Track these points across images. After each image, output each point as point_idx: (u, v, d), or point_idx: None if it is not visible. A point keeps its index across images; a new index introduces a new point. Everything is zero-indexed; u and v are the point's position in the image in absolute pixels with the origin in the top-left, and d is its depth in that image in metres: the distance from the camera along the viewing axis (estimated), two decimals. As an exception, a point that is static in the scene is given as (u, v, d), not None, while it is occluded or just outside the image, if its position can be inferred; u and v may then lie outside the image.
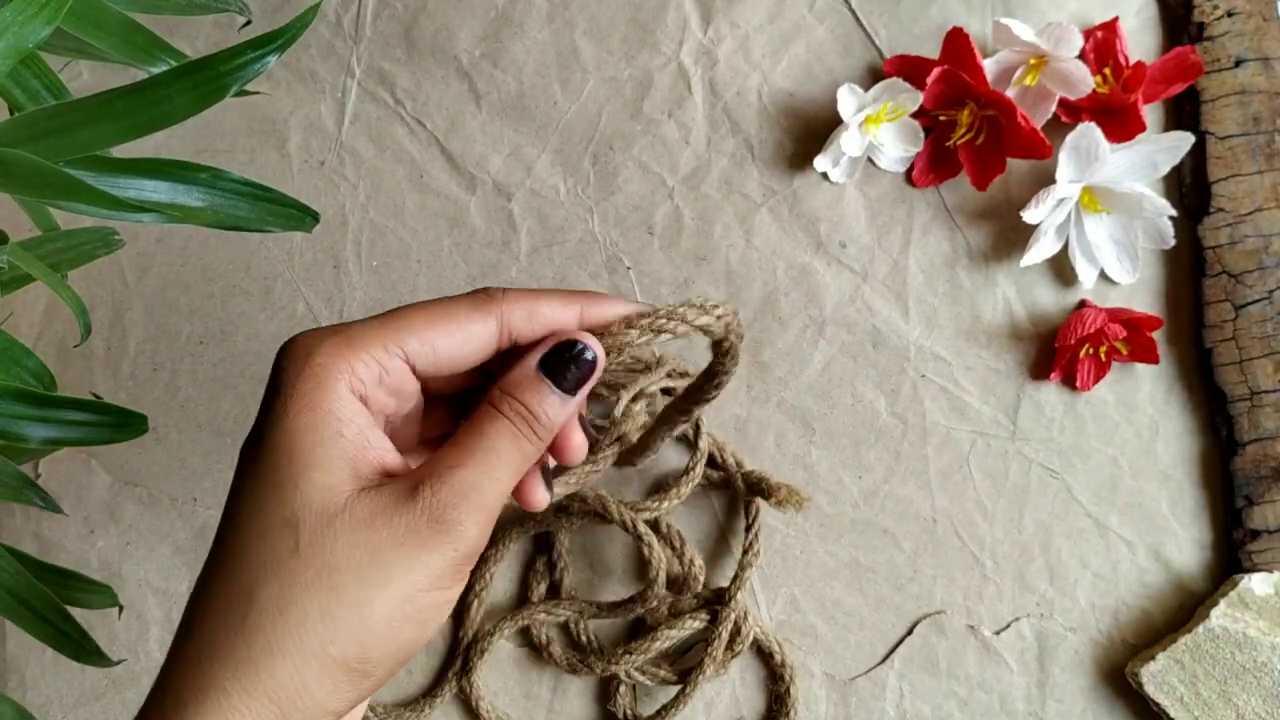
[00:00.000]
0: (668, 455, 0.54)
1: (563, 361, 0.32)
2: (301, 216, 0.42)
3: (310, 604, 0.27)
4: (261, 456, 0.29)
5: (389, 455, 0.30)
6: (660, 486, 0.54)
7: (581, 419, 0.35)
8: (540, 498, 0.34)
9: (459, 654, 0.54)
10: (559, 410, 0.32)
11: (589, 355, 0.32)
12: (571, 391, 0.32)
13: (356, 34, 0.57)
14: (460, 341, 0.31)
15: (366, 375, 0.30)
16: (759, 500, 0.53)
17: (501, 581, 0.55)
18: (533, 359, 0.32)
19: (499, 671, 0.54)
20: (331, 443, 0.29)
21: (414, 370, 0.31)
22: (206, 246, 0.56)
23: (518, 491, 0.34)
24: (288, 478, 0.28)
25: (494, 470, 0.30)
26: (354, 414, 0.30)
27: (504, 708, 0.54)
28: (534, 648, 0.54)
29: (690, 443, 0.53)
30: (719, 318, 0.34)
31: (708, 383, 0.40)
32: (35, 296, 0.56)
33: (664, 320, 0.33)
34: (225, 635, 0.27)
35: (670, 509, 0.52)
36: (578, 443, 0.35)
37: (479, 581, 0.54)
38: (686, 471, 0.52)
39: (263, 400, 0.30)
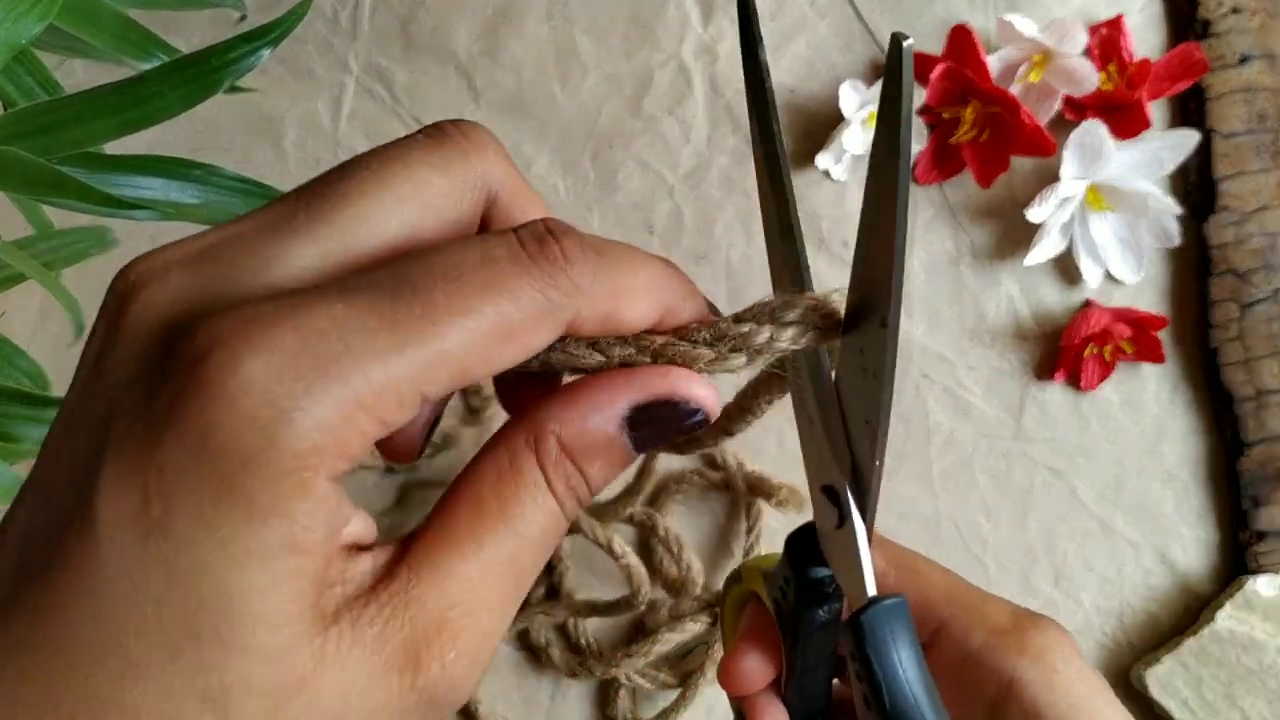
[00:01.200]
0: (665, 459, 0.54)
1: (659, 423, 0.21)
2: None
3: None
4: (168, 583, 0.17)
5: (353, 524, 0.19)
6: (663, 488, 0.54)
7: None
8: None
9: (457, 656, 0.54)
10: (619, 472, 0.22)
11: (699, 419, 0.22)
12: (645, 450, 0.22)
13: (353, 30, 0.56)
14: (505, 362, 0.20)
15: (360, 447, 0.18)
16: (760, 501, 0.52)
17: (500, 583, 0.54)
18: (617, 407, 0.21)
19: (497, 675, 0.54)
20: (291, 576, 0.18)
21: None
22: (203, 245, 0.56)
23: None
24: (213, 633, 0.17)
25: (524, 589, 0.21)
26: (327, 512, 0.18)
27: (503, 712, 0.53)
28: (533, 651, 0.54)
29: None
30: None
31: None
32: (29, 295, 0.56)
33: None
34: None
35: (636, 505, 0.52)
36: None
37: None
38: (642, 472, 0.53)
39: (166, 457, 0.17)
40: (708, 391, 0.22)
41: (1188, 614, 0.52)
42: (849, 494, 0.25)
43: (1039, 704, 0.26)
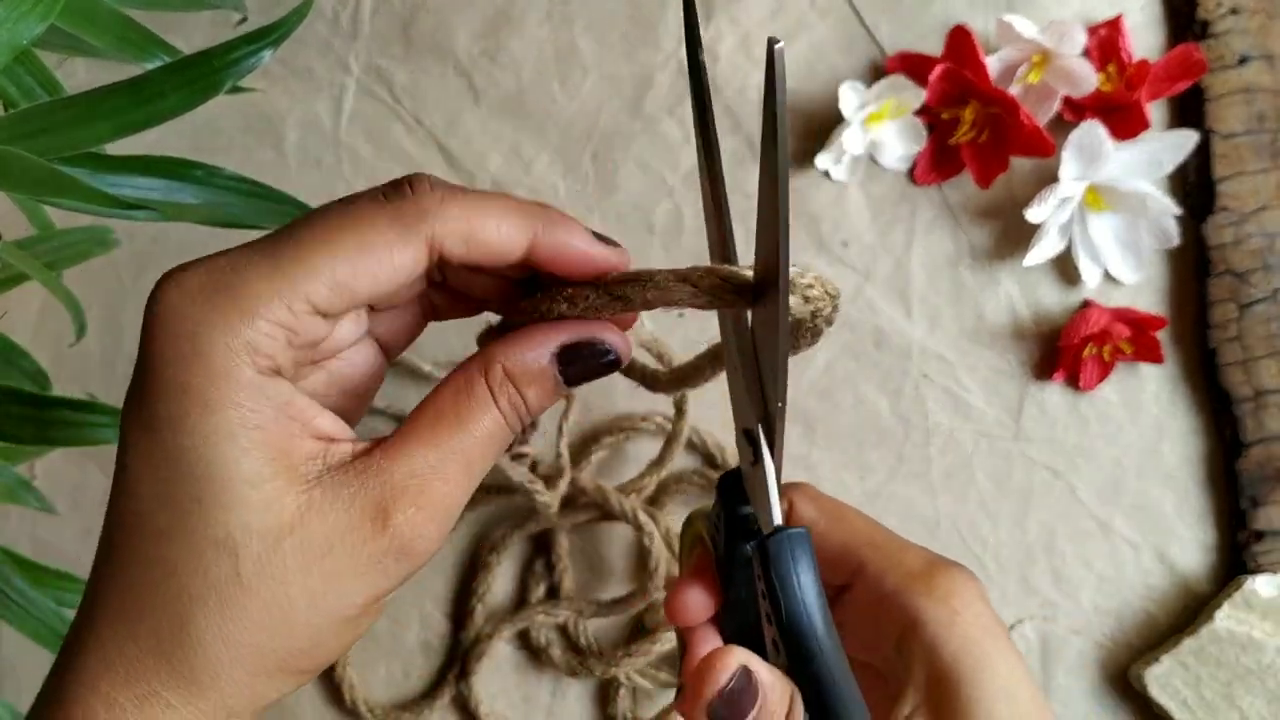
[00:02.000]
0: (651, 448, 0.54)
1: (580, 360, 0.27)
2: (297, 215, 0.41)
3: (259, 635, 0.25)
4: (168, 465, 0.24)
5: (321, 419, 0.26)
6: (663, 488, 0.54)
7: None
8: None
9: (458, 657, 0.54)
10: (550, 403, 0.28)
11: (611, 359, 0.28)
12: (572, 386, 0.28)
13: (354, 31, 0.56)
14: (380, 278, 0.25)
15: (271, 347, 0.24)
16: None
17: (501, 583, 0.54)
18: (548, 346, 0.27)
19: (497, 675, 0.54)
20: (254, 446, 0.24)
21: (323, 315, 0.25)
22: (204, 246, 0.56)
23: None
24: (210, 495, 0.24)
25: (474, 476, 0.27)
26: (270, 395, 0.25)
27: (502, 711, 0.54)
28: (533, 651, 0.54)
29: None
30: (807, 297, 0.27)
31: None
32: (31, 296, 0.56)
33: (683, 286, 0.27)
34: (161, 659, 0.24)
35: (660, 479, 0.53)
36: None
37: (480, 585, 0.54)
38: (669, 442, 0.53)
39: (143, 378, 0.25)
40: (619, 338, 0.28)
41: (1186, 613, 0.53)
42: (761, 435, 0.29)
43: (937, 641, 0.28)
